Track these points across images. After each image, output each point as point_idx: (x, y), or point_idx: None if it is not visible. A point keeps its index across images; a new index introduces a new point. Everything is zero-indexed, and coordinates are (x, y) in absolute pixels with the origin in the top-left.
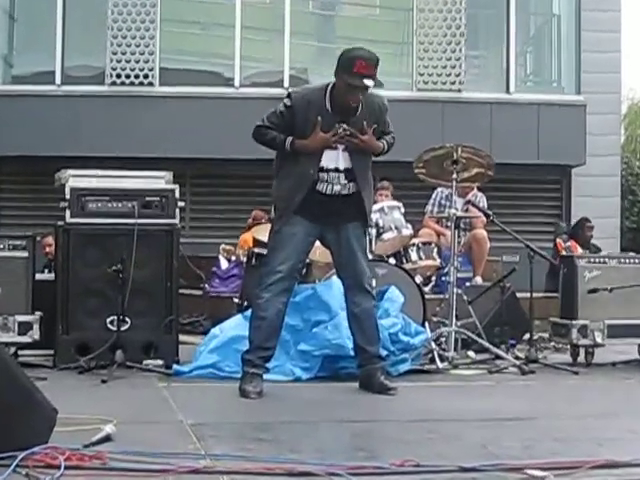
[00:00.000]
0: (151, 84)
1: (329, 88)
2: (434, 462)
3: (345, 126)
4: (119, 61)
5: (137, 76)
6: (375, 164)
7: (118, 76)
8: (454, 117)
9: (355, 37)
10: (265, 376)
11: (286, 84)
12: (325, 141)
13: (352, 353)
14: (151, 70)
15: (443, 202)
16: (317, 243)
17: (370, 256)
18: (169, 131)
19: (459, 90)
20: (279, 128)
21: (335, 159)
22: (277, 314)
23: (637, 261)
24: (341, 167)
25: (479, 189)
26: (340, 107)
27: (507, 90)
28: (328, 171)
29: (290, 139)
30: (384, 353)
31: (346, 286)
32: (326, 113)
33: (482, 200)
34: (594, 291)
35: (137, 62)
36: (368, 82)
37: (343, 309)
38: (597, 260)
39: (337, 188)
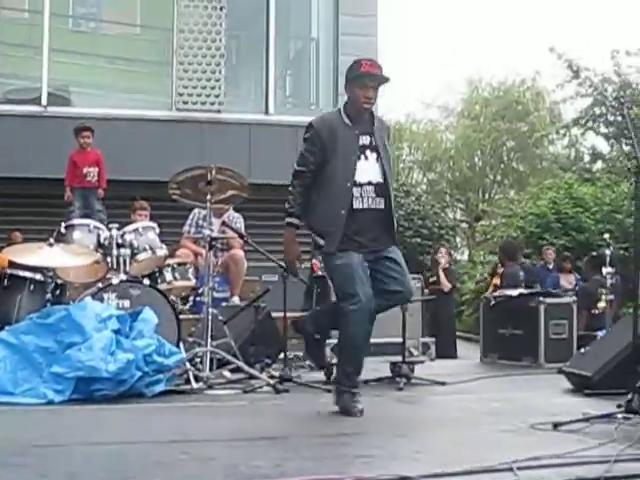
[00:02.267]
0: None
1: (342, 107)
2: None
3: None
4: None
5: None
6: (132, 183)
7: None
8: (214, 137)
9: (116, 55)
10: (16, 399)
11: (44, 102)
12: (292, 261)
13: (106, 375)
14: None
15: (200, 223)
16: (71, 263)
17: (124, 277)
18: None
19: (219, 111)
20: (316, 162)
21: (367, 172)
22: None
23: None
24: (373, 180)
25: (237, 210)
26: (357, 118)
27: (266, 111)
28: (362, 185)
29: (293, 220)
30: (138, 374)
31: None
32: (346, 126)
33: (239, 221)
34: None
35: None
36: (376, 72)
37: (97, 331)
38: None
39: (369, 202)
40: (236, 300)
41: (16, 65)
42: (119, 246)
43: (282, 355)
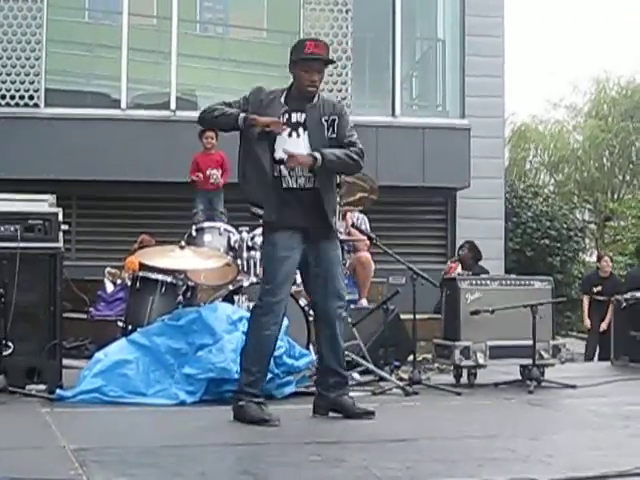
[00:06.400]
0: (36, 105)
1: (289, 87)
2: None
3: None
4: (4, 82)
5: (22, 97)
6: None
7: (3, 97)
8: None
9: (243, 60)
10: (148, 400)
11: (173, 106)
12: (274, 121)
13: (236, 376)
14: (36, 91)
15: None
16: (202, 266)
17: (255, 279)
18: (55, 153)
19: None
20: (228, 107)
21: (296, 148)
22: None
23: (517, 283)
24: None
25: (362, 211)
26: (296, 98)
27: (393, 113)
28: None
29: (244, 114)
30: (268, 376)
31: (319, 308)
32: (279, 105)
33: (364, 222)
34: (476, 313)
35: (22, 83)
36: (320, 53)
37: (227, 332)
38: (479, 282)
39: (301, 181)
40: (364, 303)
41: (145, 70)
42: (249, 249)
43: (411, 357)
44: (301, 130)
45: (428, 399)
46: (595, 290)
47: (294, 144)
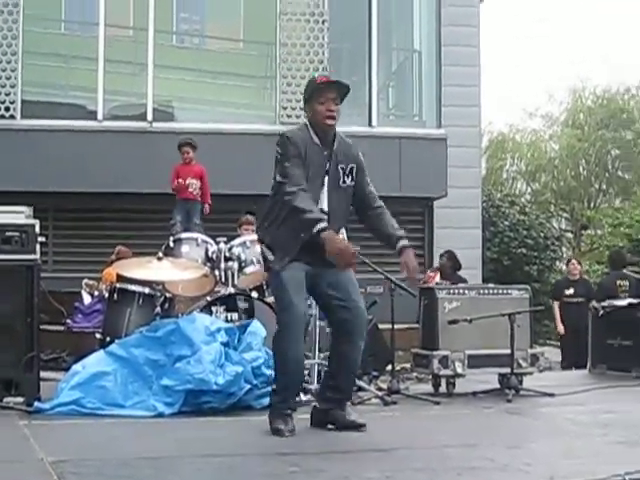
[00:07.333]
0: (12, 117)
1: (308, 124)
2: None
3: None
4: None
5: None
6: (241, 197)
7: None
8: None
9: (219, 71)
10: (126, 412)
11: (149, 117)
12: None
13: (215, 387)
14: (12, 103)
15: None
16: (179, 277)
17: (232, 290)
18: (32, 164)
19: None
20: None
21: (323, 199)
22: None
23: (495, 292)
24: (325, 208)
25: None
26: (324, 138)
27: (369, 124)
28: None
29: (322, 225)
30: (247, 387)
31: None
32: (315, 145)
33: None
34: (454, 322)
35: None
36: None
37: (206, 343)
38: (457, 291)
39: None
40: None
41: (121, 82)
42: (227, 259)
43: (390, 367)
44: (326, 178)
45: (407, 409)
46: (567, 293)
47: (323, 195)
